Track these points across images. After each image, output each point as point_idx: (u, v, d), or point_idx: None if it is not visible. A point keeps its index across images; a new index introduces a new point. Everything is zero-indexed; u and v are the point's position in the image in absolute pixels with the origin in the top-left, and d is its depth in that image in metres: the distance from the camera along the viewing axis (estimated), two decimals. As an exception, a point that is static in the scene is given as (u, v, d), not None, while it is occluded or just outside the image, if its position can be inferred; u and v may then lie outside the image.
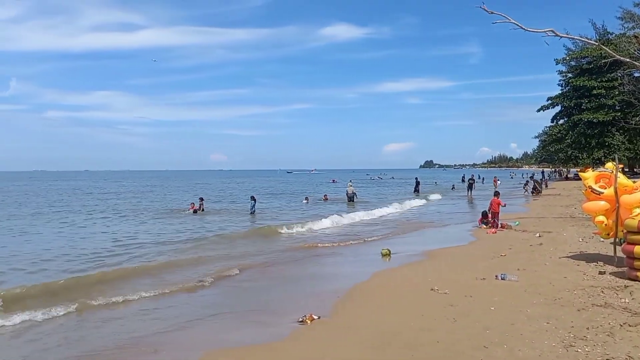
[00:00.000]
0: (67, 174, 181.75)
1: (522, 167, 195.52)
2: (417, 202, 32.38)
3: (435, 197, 38.20)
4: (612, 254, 10.00)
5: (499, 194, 18.87)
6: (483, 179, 66.64)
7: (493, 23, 17.61)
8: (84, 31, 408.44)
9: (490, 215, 17.62)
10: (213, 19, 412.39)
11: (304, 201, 32.95)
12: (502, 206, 17.94)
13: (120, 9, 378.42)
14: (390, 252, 12.79)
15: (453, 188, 48.36)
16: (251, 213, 24.55)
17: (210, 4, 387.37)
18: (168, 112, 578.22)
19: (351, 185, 32.87)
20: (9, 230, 19.11)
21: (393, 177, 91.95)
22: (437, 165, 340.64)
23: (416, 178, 45.67)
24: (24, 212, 27.04)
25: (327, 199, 34.52)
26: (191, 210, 25.21)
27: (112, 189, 57.91)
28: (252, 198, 25.80)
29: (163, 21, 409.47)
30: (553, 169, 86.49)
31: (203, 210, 25.53)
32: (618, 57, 18.17)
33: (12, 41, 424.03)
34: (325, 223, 20.25)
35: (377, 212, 24.98)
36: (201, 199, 26.86)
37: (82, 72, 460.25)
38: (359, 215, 23.46)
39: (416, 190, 42.58)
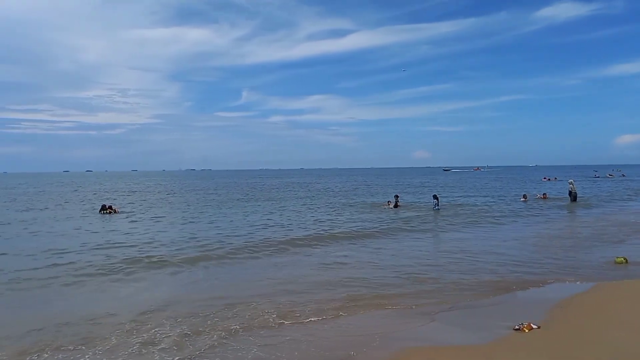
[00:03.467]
0: (287, 172, 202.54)
1: None
2: None
3: None
4: None
5: None
6: None
7: None
8: (301, 41, 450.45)
9: None
10: (417, 16, 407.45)
11: (522, 200, 31.19)
12: None
13: (331, 16, 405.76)
14: (627, 260, 10.85)
15: None
16: (435, 210, 24.75)
17: (415, 1, 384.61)
18: (373, 111, 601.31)
19: (572, 183, 29.62)
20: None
21: (624, 175, 78.54)
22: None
23: None
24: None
25: (546, 197, 31.74)
26: (390, 205, 26.62)
27: (328, 185, 62.25)
28: (435, 197, 26.09)
29: (370, 23, 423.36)
30: None
31: (398, 205, 26.62)
32: None
33: (244, 57, 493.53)
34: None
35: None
36: (396, 196, 28.14)
37: (299, 79, 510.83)
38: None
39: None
